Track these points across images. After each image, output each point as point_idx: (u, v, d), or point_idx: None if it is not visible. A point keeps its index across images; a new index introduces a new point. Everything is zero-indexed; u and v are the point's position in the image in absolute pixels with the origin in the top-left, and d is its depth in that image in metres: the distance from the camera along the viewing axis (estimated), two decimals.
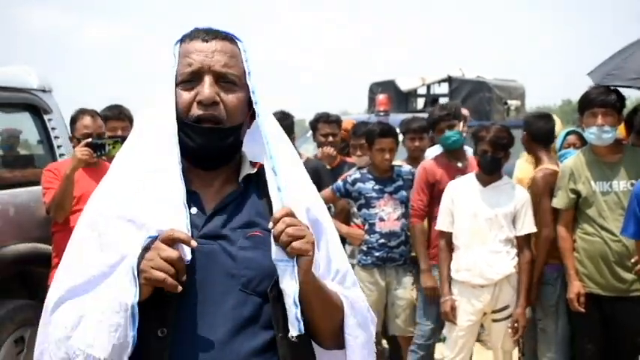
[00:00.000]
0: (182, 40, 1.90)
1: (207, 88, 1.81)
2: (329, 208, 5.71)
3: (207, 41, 1.86)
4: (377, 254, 5.37)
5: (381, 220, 5.37)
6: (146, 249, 1.68)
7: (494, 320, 4.97)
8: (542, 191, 4.93)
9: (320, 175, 5.70)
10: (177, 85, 1.84)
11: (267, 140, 1.88)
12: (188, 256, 1.69)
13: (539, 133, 5.19)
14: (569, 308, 4.78)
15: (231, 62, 1.86)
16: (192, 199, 1.82)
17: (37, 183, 5.35)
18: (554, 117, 5.78)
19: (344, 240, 5.53)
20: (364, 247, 5.43)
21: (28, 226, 5.11)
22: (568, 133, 5.89)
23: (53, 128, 5.62)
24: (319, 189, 5.31)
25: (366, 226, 5.43)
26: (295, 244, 1.70)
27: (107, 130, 5.11)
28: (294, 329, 1.72)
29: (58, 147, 5.62)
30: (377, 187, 5.41)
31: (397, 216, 5.39)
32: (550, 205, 4.87)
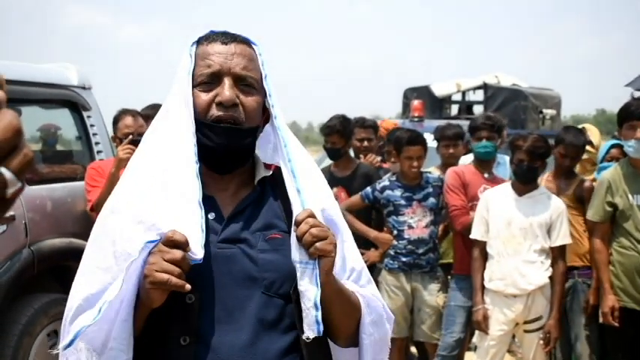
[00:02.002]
0: (198, 42, 1.89)
1: (227, 89, 1.81)
2: None
3: (226, 44, 1.86)
4: (404, 259, 5.35)
5: (410, 227, 5.35)
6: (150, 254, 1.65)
7: (527, 331, 4.93)
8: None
9: (372, 179, 5.70)
10: (195, 86, 1.84)
11: (285, 143, 1.87)
12: (199, 255, 1.67)
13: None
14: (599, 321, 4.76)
15: (250, 65, 1.86)
16: (209, 203, 1.80)
17: (74, 179, 5.42)
18: (594, 128, 5.73)
19: (372, 244, 5.54)
20: (391, 252, 5.41)
21: (64, 222, 5.17)
22: (612, 146, 5.80)
23: (92, 125, 5.68)
24: None
25: (395, 233, 5.42)
26: (319, 244, 1.70)
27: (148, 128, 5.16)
28: (313, 332, 1.70)
29: (96, 144, 5.68)
30: (405, 194, 5.39)
31: (426, 223, 5.36)
32: None
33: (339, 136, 5.86)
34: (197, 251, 1.67)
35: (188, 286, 1.62)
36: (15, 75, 5.08)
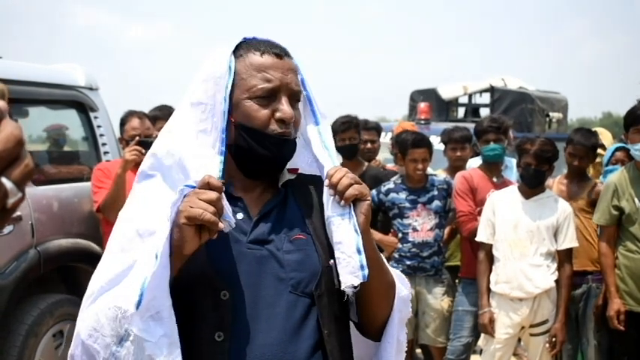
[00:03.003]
0: (245, 49, 1.89)
1: (287, 107, 1.84)
2: None
3: (280, 58, 1.88)
4: (408, 262, 5.33)
5: (414, 230, 5.33)
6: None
7: (533, 334, 4.92)
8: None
9: (381, 182, 5.69)
10: (249, 97, 1.84)
11: (327, 146, 1.92)
12: (232, 221, 1.70)
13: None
14: (609, 325, 4.74)
15: (298, 81, 1.90)
16: (237, 204, 1.85)
17: (81, 179, 5.43)
18: (606, 132, 5.73)
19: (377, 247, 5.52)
20: (396, 255, 5.40)
21: (70, 222, 5.18)
22: (617, 149, 5.80)
23: (99, 126, 5.69)
24: None
25: (400, 235, 5.41)
26: (356, 186, 1.78)
27: (157, 130, 5.17)
28: (357, 278, 1.73)
29: (103, 144, 5.69)
30: (410, 197, 5.36)
31: (430, 226, 5.34)
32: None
33: (356, 131, 5.85)
34: (230, 216, 1.69)
35: (221, 225, 1.64)
36: (22, 75, 5.10)
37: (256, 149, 1.85)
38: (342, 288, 1.75)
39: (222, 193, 1.69)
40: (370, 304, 1.88)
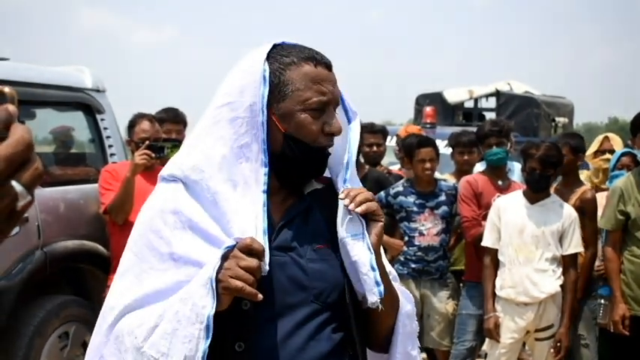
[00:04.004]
0: (295, 56, 1.83)
1: (337, 122, 1.84)
2: None
3: (329, 69, 1.85)
4: (413, 266, 5.34)
5: (421, 234, 5.34)
6: (224, 258, 1.65)
7: (538, 339, 4.92)
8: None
9: (383, 185, 5.69)
10: (303, 109, 1.80)
11: (351, 148, 1.91)
12: (266, 267, 1.68)
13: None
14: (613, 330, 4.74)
15: (340, 92, 1.89)
16: None
17: (87, 181, 5.44)
18: (617, 137, 5.73)
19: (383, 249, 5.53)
20: (401, 258, 5.41)
21: (76, 223, 5.18)
22: (623, 154, 5.80)
23: (105, 128, 5.70)
24: None
25: (406, 238, 5.42)
26: (371, 204, 1.78)
27: (163, 133, 5.18)
28: (375, 295, 1.74)
29: (110, 146, 5.70)
30: (418, 201, 5.37)
31: (437, 231, 5.35)
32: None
33: (362, 132, 5.85)
34: (265, 262, 1.69)
35: (260, 296, 1.62)
36: (29, 77, 5.11)
37: (302, 161, 1.83)
38: (367, 305, 1.76)
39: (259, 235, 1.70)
40: (376, 317, 1.86)
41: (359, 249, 1.76)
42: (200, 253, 1.70)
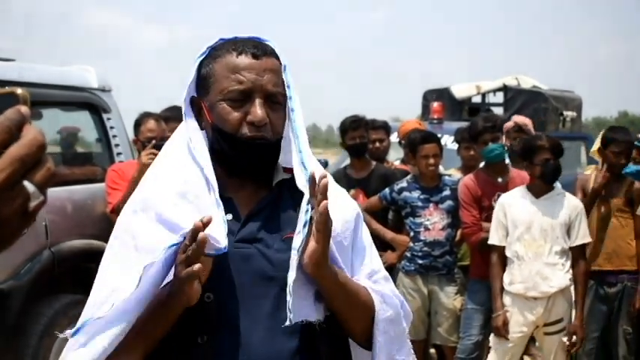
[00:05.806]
0: (224, 49, 1.85)
1: (259, 109, 1.79)
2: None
3: (257, 58, 1.82)
4: (420, 262, 5.35)
5: (426, 229, 5.33)
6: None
7: (547, 333, 4.90)
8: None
9: (389, 181, 5.68)
10: (222, 100, 1.82)
11: (300, 149, 1.85)
12: (223, 243, 1.68)
13: None
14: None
15: (279, 81, 1.84)
16: (226, 205, 1.80)
17: (94, 180, 5.45)
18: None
19: (389, 246, 5.53)
20: (408, 254, 5.41)
21: (84, 223, 5.20)
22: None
23: (112, 127, 5.72)
24: None
25: (411, 234, 5.41)
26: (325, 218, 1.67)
27: (169, 131, 5.17)
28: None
29: (116, 146, 5.72)
30: (423, 196, 5.37)
31: (442, 226, 5.34)
32: None
33: (365, 130, 5.87)
34: (221, 241, 1.68)
35: (197, 288, 1.65)
36: (36, 78, 5.13)
37: (228, 152, 1.83)
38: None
39: (214, 212, 1.71)
40: (342, 318, 1.83)
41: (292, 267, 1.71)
42: (161, 250, 1.68)
